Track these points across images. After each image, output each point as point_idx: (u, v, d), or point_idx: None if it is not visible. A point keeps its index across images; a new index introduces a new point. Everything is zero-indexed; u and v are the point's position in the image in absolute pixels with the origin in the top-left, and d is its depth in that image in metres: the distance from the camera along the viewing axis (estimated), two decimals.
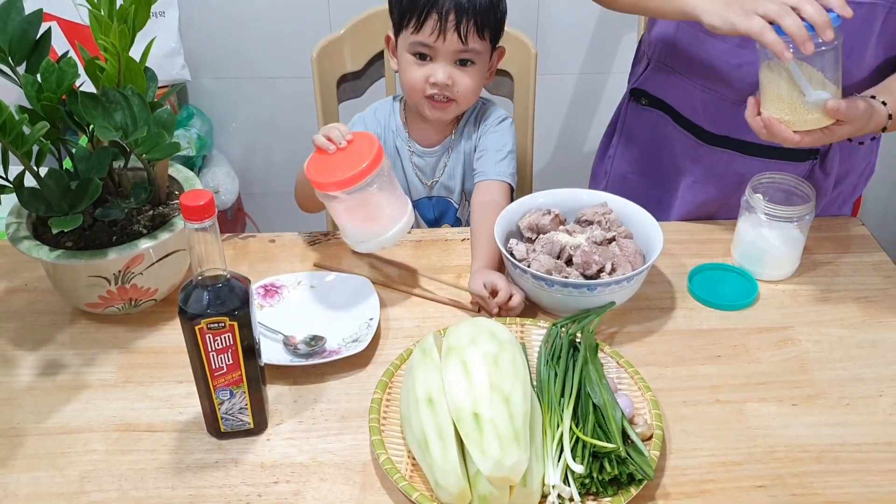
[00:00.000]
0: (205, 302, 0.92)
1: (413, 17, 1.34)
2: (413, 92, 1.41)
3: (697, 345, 1.18)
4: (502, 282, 1.20)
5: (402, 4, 1.36)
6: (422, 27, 1.34)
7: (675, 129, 1.49)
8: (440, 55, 1.36)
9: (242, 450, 1.01)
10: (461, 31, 1.34)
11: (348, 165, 1.17)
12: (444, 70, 1.37)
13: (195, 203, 0.87)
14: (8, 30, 1.11)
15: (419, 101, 1.42)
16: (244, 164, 2.56)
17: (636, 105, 1.56)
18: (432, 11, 1.33)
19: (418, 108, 1.45)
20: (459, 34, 1.34)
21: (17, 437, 1.03)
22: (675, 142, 1.50)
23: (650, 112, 1.53)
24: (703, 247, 1.37)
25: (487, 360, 0.96)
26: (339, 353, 1.13)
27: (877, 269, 1.33)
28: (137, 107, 1.08)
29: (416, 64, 1.38)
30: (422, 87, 1.39)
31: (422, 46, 1.36)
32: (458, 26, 1.33)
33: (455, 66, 1.38)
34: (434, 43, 1.35)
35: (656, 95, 1.51)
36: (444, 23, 1.33)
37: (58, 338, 1.19)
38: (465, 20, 1.33)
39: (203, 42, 2.34)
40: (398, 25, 1.39)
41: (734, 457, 1.00)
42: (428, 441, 0.92)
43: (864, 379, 1.12)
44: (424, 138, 1.50)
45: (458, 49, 1.35)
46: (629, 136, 1.60)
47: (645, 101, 1.53)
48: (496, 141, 1.47)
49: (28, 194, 1.11)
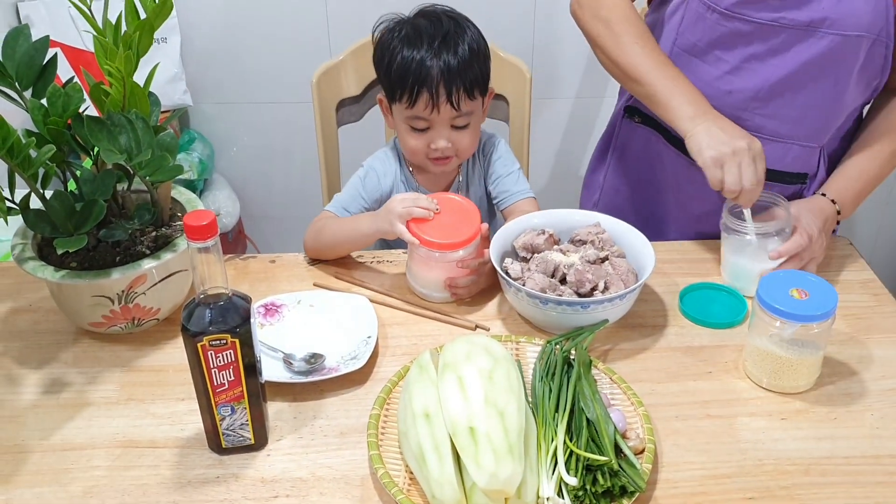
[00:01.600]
0: (207, 319, 0.94)
1: (405, 94, 1.37)
2: (415, 156, 1.45)
3: (689, 361, 1.20)
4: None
5: (392, 80, 1.38)
6: (415, 103, 1.37)
7: (666, 147, 1.52)
8: (437, 124, 1.40)
9: (243, 465, 1.03)
10: (453, 101, 1.37)
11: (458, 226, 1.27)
12: (442, 137, 1.40)
13: (198, 223, 0.89)
14: (15, 56, 1.14)
15: (421, 161, 1.46)
16: (245, 187, 2.59)
17: (629, 121, 1.59)
18: (423, 88, 1.35)
19: (422, 167, 1.49)
20: (452, 103, 1.37)
21: (22, 454, 1.05)
22: (667, 159, 1.53)
23: (643, 129, 1.57)
24: (693, 266, 1.40)
25: (482, 375, 0.98)
26: (337, 370, 1.15)
27: (864, 287, 1.35)
28: (141, 130, 1.11)
29: (415, 134, 1.41)
30: (423, 152, 1.43)
31: (417, 120, 1.39)
32: (449, 97, 1.36)
33: (452, 129, 1.41)
34: (429, 116, 1.38)
35: (648, 114, 1.54)
36: (437, 97, 1.36)
37: (61, 356, 1.21)
38: (454, 90, 1.36)
39: (204, 68, 2.38)
40: (389, 96, 1.42)
41: (724, 470, 1.02)
42: (425, 455, 0.94)
43: (851, 394, 1.14)
44: (433, 184, 1.53)
45: (453, 116, 1.39)
46: (622, 150, 1.63)
47: (638, 118, 1.57)
48: (503, 166, 1.53)
49: (34, 216, 1.13)
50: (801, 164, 1.43)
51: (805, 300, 1.08)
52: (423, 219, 1.27)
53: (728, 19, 1.33)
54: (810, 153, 1.42)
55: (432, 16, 1.41)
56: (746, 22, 1.32)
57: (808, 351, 1.11)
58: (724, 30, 1.35)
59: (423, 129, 1.40)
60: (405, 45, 1.37)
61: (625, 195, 1.65)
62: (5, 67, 1.13)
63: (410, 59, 1.35)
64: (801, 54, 1.31)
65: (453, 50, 1.36)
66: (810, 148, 1.41)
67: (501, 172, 1.53)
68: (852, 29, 1.27)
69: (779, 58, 1.33)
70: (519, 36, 2.36)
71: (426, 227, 1.27)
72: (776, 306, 1.08)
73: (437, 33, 1.37)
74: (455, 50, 1.36)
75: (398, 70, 1.36)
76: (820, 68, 1.32)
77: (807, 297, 1.09)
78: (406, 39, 1.37)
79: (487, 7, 2.22)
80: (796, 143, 1.40)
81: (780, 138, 1.40)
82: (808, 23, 1.29)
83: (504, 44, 1.72)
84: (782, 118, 1.38)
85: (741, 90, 1.37)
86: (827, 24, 1.28)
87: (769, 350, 1.12)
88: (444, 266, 1.28)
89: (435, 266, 1.28)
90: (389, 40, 1.39)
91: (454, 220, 1.28)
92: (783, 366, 1.12)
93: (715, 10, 1.34)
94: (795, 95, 1.35)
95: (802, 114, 1.37)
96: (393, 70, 1.37)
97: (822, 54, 1.30)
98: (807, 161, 1.43)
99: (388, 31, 1.41)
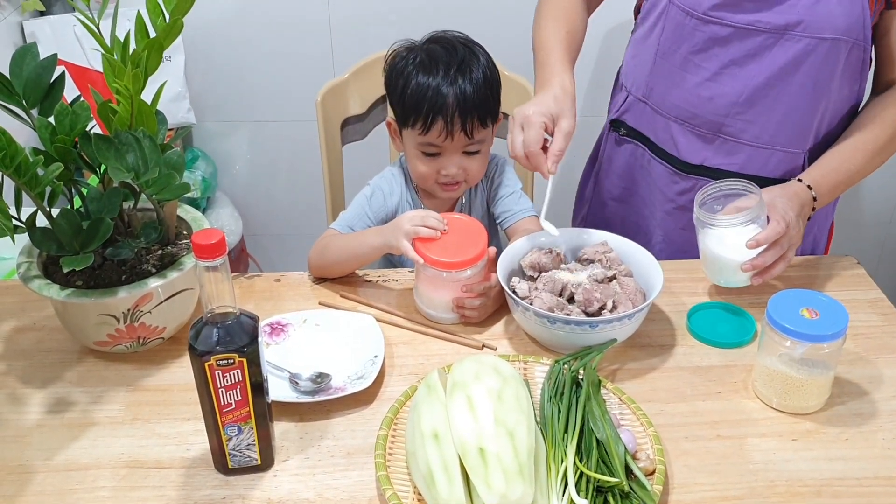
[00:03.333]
0: (214, 339, 0.94)
1: (419, 121, 1.37)
2: (424, 181, 1.46)
3: (698, 381, 1.19)
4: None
5: (406, 106, 1.39)
6: (429, 130, 1.37)
7: (651, 159, 1.54)
8: (448, 151, 1.40)
9: (249, 486, 1.02)
10: (467, 129, 1.38)
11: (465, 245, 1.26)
12: (453, 163, 1.41)
13: (207, 242, 0.89)
14: (23, 74, 1.14)
15: (430, 186, 1.47)
16: (247, 205, 2.59)
17: (615, 134, 1.61)
18: (438, 116, 1.36)
19: (430, 191, 1.49)
20: (466, 132, 1.38)
21: (26, 474, 1.04)
22: (653, 171, 1.55)
23: (629, 142, 1.58)
24: (700, 285, 1.39)
25: (492, 395, 0.98)
26: (344, 389, 1.14)
27: (873, 306, 1.35)
28: (149, 149, 1.11)
29: (426, 159, 1.42)
30: (433, 177, 1.43)
31: (429, 146, 1.40)
32: (463, 126, 1.37)
33: (463, 155, 1.42)
34: (442, 143, 1.39)
35: (634, 127, 1.56)
36: (451, 125, 1.37)
37: (66, 376, 1.20)
38: (469, 119, 1.37)
39: (208, 86, 2.39)
40: (401, 121, 1.42)
41: (736, 491, 1.01)
42: (434, 476, 0.93)
43: (862, 414, 1.13)
44: (438, 206, 1.54)
45: (466, 143, 1.40)
46: (609, 163, 1.65)
47: (623, 131, 1.58)
48: (505, 186, 1.53)
49: (40, 234, 1.13)
50: (785, 170, 1.44)
51: (816, 320, 1.08)
52: (430, 238, 1.27)
53: (706, 24, 1.36)
54: (794, 158, 1.43)
55: (446, 43, 1.42)
56: (724, 26, 1.34)
57: (819, 371, 1.10)
58: (703, 35, 1.37)
59: (434, 154, 1.41)
60: (420, 72, 1.37)
61: (611, 208, 1.66)
62: (13, 85, 1.13)
63: (426, 85, 1.36)
64: (779, 58, 1.34)
65: (468, 78, 1.37)
66: (793, 153, 1.42)
67: (504, 193, 1.53)
68: (828, 32, 1.30)
69: (757, 62, 1.35)
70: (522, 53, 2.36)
71: (433, 246, 1.27)
72: (786, 326, 1.07)
73: (453, 61, 1.38)
74: (470, 78, 1.37)
75: (413, 96, 1.37)
76: (797, 72, 1.34)
77: (817, 316, 1.08)
78: (421, 66, 1.38)
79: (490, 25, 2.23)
80: (779, 148, 1.42)
81: (763, 144, 1.42)
82: (783, 26, 1.31)
83: (507, 61, 1.72)
84: (763, 123, 1.40)
85: (722, 95, 1.40)
86: (802, 27, 1.30)
87: (779, 370, 1.11)
88: (451, 286, 1.28)
89: (442, 286, 1.28)
90: (404, 66, 1.40)
91: (461, 239, 1.28)
92: (793, 386, 1.11)
93: (693, 16, 1.37)
94: (775, 100, 1.37)
95: (783, 118, 1.39)
96: (407, 96, 1.38)
97: (798, 58, 1.33)
98: (790, 167, 1.44)
99: (402, 57, 1.42)
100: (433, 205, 1.53)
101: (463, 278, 1.27)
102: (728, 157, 1.45)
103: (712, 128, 1.43)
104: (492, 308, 1.31)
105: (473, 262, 1.26)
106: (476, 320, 1.30)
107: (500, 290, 1.30)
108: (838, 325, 1.07)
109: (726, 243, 1.26)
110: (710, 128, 1.43)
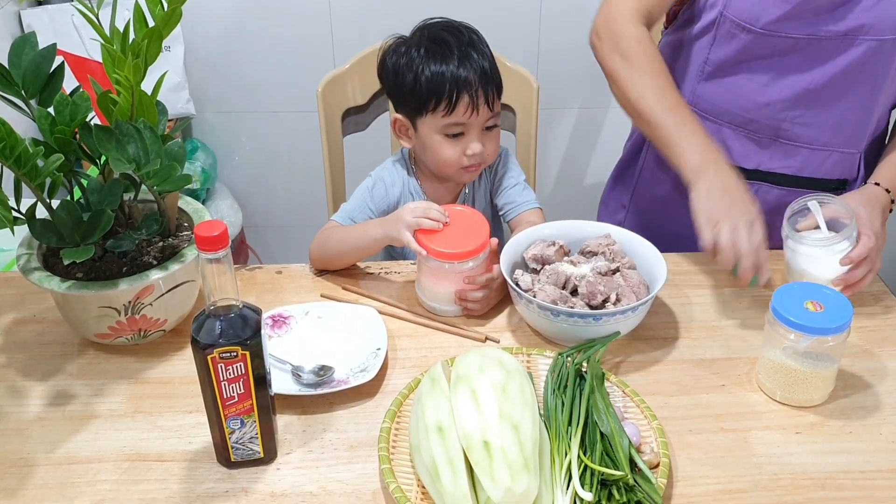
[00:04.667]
0: (217, 332, 0.93)
1: (443, 101, 1.36)
2: (448, 167, 1.44)
3: (701, 374, 1.19)
4: None
5: (422, 94, 1.38)
6: (454, 109, 1.37)
7: None
8: (471, 128, 1.40)
9: (252, 479, 1.02)
10: (489, 102, 1.38)
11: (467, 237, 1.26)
12: (477, 141, 1.40)
13: (209, 234, 0.88)
14: (22, 64, 1.13)
15: (454, 172, 1.45)
16: (247, 197, 2.58)
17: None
18: (462, 92, 1.36)
19: (451, 178, 1.48)
20: (489, 105, 1.38)
21: (27, 468, 1.04)
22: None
23: None
24: (705, 277, 1.39)
25: (496, 388, 0.97)
26: (347, 382, 1.14)
27: (876, 299, 1.35)
28: (149, 140, 1.10)
29: (450, 142, 1.41)
30: (458, 160, 1.42)
31: (455, 126, 1.39)
32: (486, 98, 1.37)
33: (483, 133, 1.42)
34: (468, 120, 1.38)
35: None
36: (476, 99, 1.36)
37: (66, 368, 1.20)
38: (490, 91, 1.38)
39: (207, 77, 2.38)
40: (419, 109, 1.40)
41: (740, 484, 1.01)
42: (438, 469, 0.93)
43: (866, 407, 1.13)
44: (441, 197, 1.53)
45: (488, 118, 1.40)
46: (648, 172, 1.61)
47: None
48: (509, 177, 1.53)
49: (40, 226, 1.12)
50: (841, 171, 1.43)
51: (820, 313, 1.07)
52: (432, 230, 1.26)
53: (764, 37, 1.32)
54: (850, 159, 1.42)
55: (447, 27, 1.41)
56: (783, 38, 1.31)
57: (823, 364, 1.10)
58: (762, 47, 1.34)
59: (458, 134, 1.40)
60: (431, 60, 1.37)
61: (650, 215, 1.62)
62: (12, 76, 1.12)
63: (441, 70, 1.36)
64: (839, 62, 1.31)
65: (481, 54, 1.38)
66: (850, 154, 1.41)
67: (507, 184, 1.53)
68: (890, 32, 1.27)
69: (817, 68, 1.32)
70: (524, 46, 2.36)
71: (434, 237, 1.26)
72: (791, 319, 1.07)
73: (462, 42, 1.38)
74: (482, 53, 1.39)
75: (430, 83, 1.36)
76: (858, 74, 1.32)
77: (822, 309, 1.08)
78: (430, 54, 1.37)
79: (493, 17, 2.22)
80: (835, 150, 1.40)
81: (819, 146, 1.40)
82: (845, 32, 1.28)
83: (510, 54, 1.72)
84: (820, 126, 1.37)
85: (779, 101, 1.37)
86: (864, 31, 1.28)
87: (783, 363, 1.11)
88: (453, 278, 1.27)
89: (444, 278, 1.27)
90: (409, 59, 1.39)
91: (463, 231, 1.27)
92: (797, 379, 1.11)
93: (751, 31, 1.33)
94: (834, 103, 1.35)
95: (840, 120, 1.37)
96: (422, 84, 1.37)
97: (859, 60, 1.30)
98: (846, 167, 1.43)
99: (402, 52, 1.40)
100: (436, 196, 1.52)
101: (465, 270, 1.26)
102: (784, 161, 1.43)
103: (768, 132, 1.40)
104: (494, 300, 1.31)
105: (475, 254, 1.25)
106: (479, 312, 1.30)
107: (501, 283, 1.29)
108: (842, 318, 1.07)
109: (817, 260, 1.26)
110: (766, 132, 1.41)
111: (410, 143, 1.47)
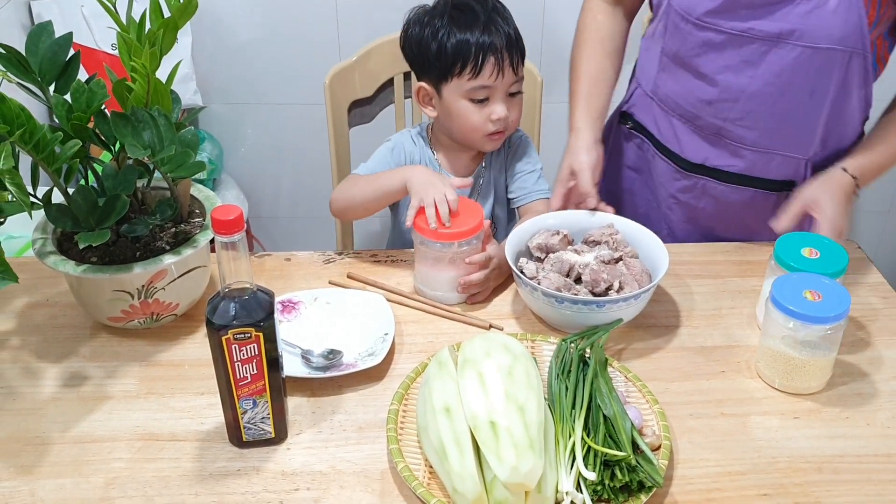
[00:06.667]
0: (232, 313, 0.96)
1: (469, 65, 1.38)
2: (473, 132, 1.45)
3: (701, 361, 1.21)
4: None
5: (448, 56, 1.39)
6: (480, 71, 1.38)
7: (655, 155, 1.55)
8: (497, 92, 1.41)
9: (263, 458, 1.05)
10: (514, 65, 1.40)
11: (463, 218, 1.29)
12: (502, 105, 1.42)
13: (225, 217, 0.91)
14: (39, 52, 1.16)
15: (478, 139, 1.46)
16: (253, 187, 2.60)
17: (622, 127, 1.62)
18: (489, 54, 1.37)
19: (475, 145, 1.50)
20: (513, 68, 1.40)
21: (43, 446, 1.06)
22: (656, 166, 1.56)
23: (634, 136, 1.59)
24: (705, 267, 1.42)
25: (502, 371, 1.00)
26: (355, 366, 1.16)
27: (873, 289, 1.37)
28: (164, 127, 1.13)
29: (476, 106, 1.42)
30: (483, 126, 1.43)
31: (481, 90, 1.40)
32: (511, 61, 1.39)
33: (508, 98, 1.43)
34: (494, 83, 1.40)
35: (640, 122, 1.57)
36: (502, 61, 1.38)
37: (80, 351, 1.22)
38: (515, 54, 1.40)
39: (214, 68, 2.40)
40: (444, 75, 1.41)
41: (739, 467, 1.04)
42: (445, 449, 0.95)
43: (862, 395, 1.16)
44: (458, 169, 1.55)
45: (512, 82, 1.42)
46: (617, 155, 1.66)
47: (630, 124, 1.59)
48: (527, 163, 1.55)
49: (56, 210, 1.14)
50: (786, 173, 1.45)
51: (818, 302, 1.10)
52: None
53: (700, 29, 1.36)
54: (795, 162, 1.43)
55: None
56: (718, 32, 1.34)
57: (821, 352, 1.12)
58: (698, 39, 1.37)
59: (483, 99, 1.42)
60: (457, 26, 1.39)
61: (618, 199, 1.66)
62: (29, 63, 1.15)
63: (466, 35, 1.38)
64: (774, 65, 1.33)
65: (505, 19, 1.41)
66: (795, 159, 1.43)
67: (524, 168, 1.55)
68: (823, 42, 1.28)
69: (752, 69, 1.35)
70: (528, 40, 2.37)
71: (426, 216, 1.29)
72: (790, 307, 1.09)
73: (487, 8, 1.40)
74: (506, 19, 1.41)
75: (456, 47, 1.38)
76: (793, 79, 1.33)
77: (820, 298, 1.10)
78: (454, 22, 1.39)
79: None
80: (779, 153, 1.42)
81: (762, 149, 1.42)
82: (777, 34, 1.30)
83: None
84: (762, 130, 1.40)
85: (719, 100, 1.40)
86: (796, 36, 1.29)
87: (782, 351, 1.13)
88: (450, 263, 1.29)
89: (440, 261, 1.29)
90: (436, 27, 1.40)
91: (457, 214, 1.29)
92: (795, 367, 1.13)
93: (688, 21, 1.36)
94: (773, 107, 1.37)
95: (780, 125, 1.39)
96: (449, 49, 1.38)
97: (792, 66, 1.32)
98: (792, 170, 1.44)
99: (426, 21, 1.42)
100: (454, 169, 1.54)
101: (461, 252, 1.28)
102: (730, 160, 1.45)
103: (713, 130, 1.43)
104: (494, 283, 1.33)
105: (470, 234, 1.27)
106: (482, 297, 1.32)
107: (500, 266, 1.32)
108: (840, 307, 1.09)
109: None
110: (711, 130, 1.44)
111: (434, 112, 1.48)
